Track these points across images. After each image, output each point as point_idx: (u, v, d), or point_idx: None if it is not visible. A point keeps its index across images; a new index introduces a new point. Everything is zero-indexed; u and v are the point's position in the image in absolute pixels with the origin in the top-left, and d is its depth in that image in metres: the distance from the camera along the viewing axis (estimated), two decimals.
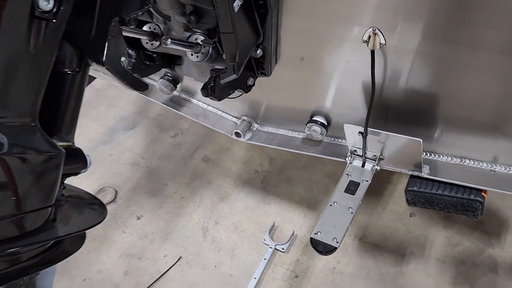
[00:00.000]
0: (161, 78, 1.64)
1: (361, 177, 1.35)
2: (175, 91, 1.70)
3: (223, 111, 1.70)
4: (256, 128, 1.67)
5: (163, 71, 1.62)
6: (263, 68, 1.26)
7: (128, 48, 1.17)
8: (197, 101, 1.73)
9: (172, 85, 1.64)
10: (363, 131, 1.26)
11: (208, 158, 2.38)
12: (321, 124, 1.44)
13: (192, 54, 1.13)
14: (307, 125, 1.45)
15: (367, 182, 1.33)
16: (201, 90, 1.13)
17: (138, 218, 2.14)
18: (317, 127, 1.44)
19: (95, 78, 2.53)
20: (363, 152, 1.33)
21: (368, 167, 1.36)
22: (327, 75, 1.29)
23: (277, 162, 2.33)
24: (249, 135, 1.65)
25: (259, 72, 1.28)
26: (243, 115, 1.66)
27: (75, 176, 0.94)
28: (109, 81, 1.77)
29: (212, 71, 1.15)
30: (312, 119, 1.45)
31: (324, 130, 1.45)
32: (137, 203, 2.20)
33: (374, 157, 1.34)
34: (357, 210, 1.29)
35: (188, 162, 2.37)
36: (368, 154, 1.35)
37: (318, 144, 1.52)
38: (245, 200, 2.18)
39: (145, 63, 1.22)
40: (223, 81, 1.12)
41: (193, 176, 2.30)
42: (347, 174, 1.35)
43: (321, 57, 1.23)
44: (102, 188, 2.26)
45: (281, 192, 2.20)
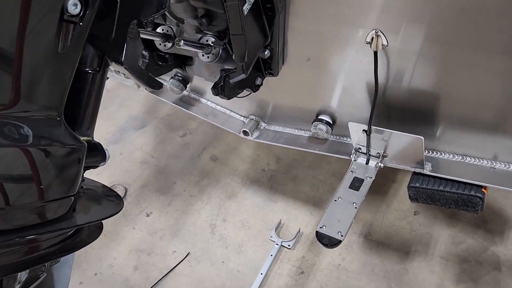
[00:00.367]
0: (172, 78, 1.70)
1: (365, 174, 1.40)
2: (185, 90, 1.77)
3: (231, 111, 1.76)
4: (264, 127, 1.72)
5: (174, 72, 1.69)
6: (270, 68, 1.32)
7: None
8: (206, 100, 1.79)
9: (182, 85, 1.71)
10: (367, 129, 1.31)
11: (216, 157, 2.44)
12: (326, 122, 1.49)
13: (203, 55, 1.19)
14: (313, 123, 1.51)
15: (371, 178, 1.39)
16: (212, 89, 1.20)
17: (148, 215, 2.20)
18: (323, 125, 1.49)
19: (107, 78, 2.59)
20: (367, 149, 1.39)
21: (372, 164, 1.42)
22: (332, 75, 1.34)
23: (284, 161, 2.39)
24: (256, 133, 1.70)
25: (266, 72, 1.34)
26: (250, 114, 1.72)
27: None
28: (121, 81, 1.83)
29: (222, 71, 1.21)
30: (318, 118, 1.51)
31: (330, 128, 1.50)
32: (146, 201, 2.26)
33: (377, 155, 1.39)
34: (361, 205, 1.34)
35: (196, 161, 2.43)
36: (372, 152, 1.40)
37: (323, 142, 1.58)
38: (252, 198, 2.24)
39: (158, 64, 1.28)
40: (233, 80, 1.19)
41: (201, 174, 2.36)
42: (352, 171, 1.41)
43: (327, 58, 1.29)
44: (113, 186, 2.33)
45: (288, 190, 2.25)
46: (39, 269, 0.92)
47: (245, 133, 1.70)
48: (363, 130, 1.32)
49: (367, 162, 1.42)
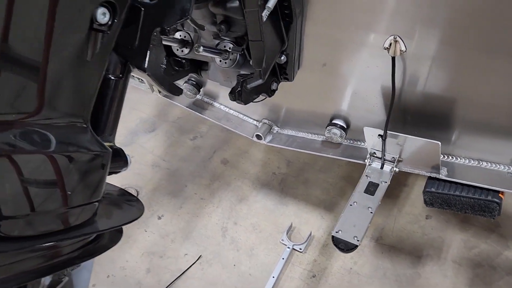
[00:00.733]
0: (185, 82, 1.71)
1: (379, 179, 1.40)
2: (198, 95, 1.78)
3: (244, 115, 1.77)
4: (277, 131, 1.73)
5: (187, 76, 1.70)
6: (286, 73, 1.33)
7: None
8: (219, 104, 1.80)
9: (195, 89, 1.72)
10: (383, 134, 1.31)
11: (226, 161, 2.45)
12: (340, 127, 1.49)
13: (220, 61, 1.20)
14: (327, 128, 1.51)
15: (385, 183, 1.39)
16: (229, 94, 1.20)
17: (159, 218, 2.21)
18: (337, 130, 1.50)
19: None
20: (382, 154, 1.39)
21: (386, 169, 1.42)
22: (347, 80, 1.35)
23: (295, 164, 2.39)
24: (269, 137, 1.71)
25: (282, 77, 1.34)
26: (263, 118, 1.73)
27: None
28: (135, 85, 1.85)
29: (239, 77, 1.22)
30: (332, 122, 1.51)
31: (344, 133, 1.50)
32: (158, 203, 2.27)
33: (392, 159, 1.39)
34: (376, 210, 1.34)
35: (207, 164, 2.44)
36: (387, 156, 1.40)
37: (337, 147, 1.58)
38: (263, 201, 2.24)
39: (174, 69, 1.29)
40: (250, 85, 1.19)
41: (212, 177, 2.37)
42: (366, 176, 1.41)
43: (343, 63, 1.29)
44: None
45: (298, 194, 2.25)
46: (62, 273, 0.93)
47: (258, 137, 1.71)
48: (379, 135, 1.33)
49: (382, 167, 1.42)
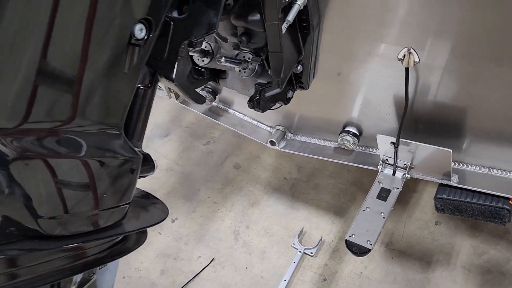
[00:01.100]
0: (202, 89, 1.77)
1: (392, 185, 1.44)
2: (214, 101, 1.83)
3: (258, 121, 1.82)
4: (290, 137, 1.78)
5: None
6: (301, 82, 1.38)
7: None
8: (234, 111, 1.85)
9: (211, 96, 1.77)
10: (395, 141, 1.35)
11: (239, 166, 2.50)
12: (353, 134, 1.54)
13: (240, 70, 1.26)
14: (340, 135, 1.56)
15: (397, 189, 1.43)
16: (248, 102, 1.25)
17: (173, 221, 2.26)
18: (350, 137, 1.54)
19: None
20: (394, 161, 1.43)
21: (398, 175, 1.46)
22: (361, 89, 1.40)
23: (305, 170, 2.43)
24: (283, 143, 1.76)
25: (297, 86, 1.39)
26: (277, 125, 1.78)
27: None
28: None
29: (257, 85, 1.27)
30: (345, 129, 1.55)
31: (356, 139, 1.55)
32: (172, 207, 2.32)
33: (404, 166, 1.43)
34: (389, 215, 1.38)
35: (220, 169, 2.49)
36: (399, 163, 1.44)
37: (349, 153, 1.62)
38: (274, 206, 2.28)
39: (194, 77, 1.35)
40: (268, 94, 1.24)
41: (224, 182, 2.42)
42: (379, 182, 1.45)
43: (357, 72, 1.34)
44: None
45: (309, 198, 2.29)
46: (91, 272, 0.98)
47: (272, 143, 1.76)
48: (391, 142, 1.37)
49: (394, 173, 1.46)
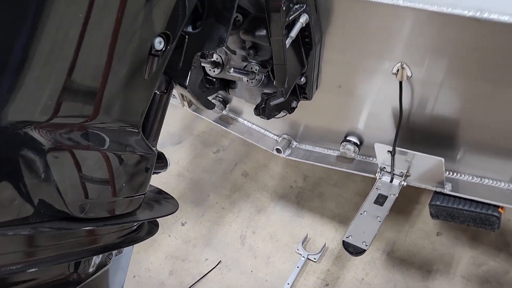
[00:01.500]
0: (213, 98, 1.90)
1: (389, 191, 1.54)
2: (224, 110, 1.96)
3: (265, 130, 1.94)
4: (295, 146, 1.89)
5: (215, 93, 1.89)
6: (305, 93, 1.50)
7: None
8: (243, 120, 1.98)
9: (222, 105, 1.90)
10: (392, 150, 1.46)
11: (247, 173, 2.61)
12: (354, 143, 1.65)
13: (247, 80, 1.38)
14: (342, 144, 1.67)
15: (394, 195, 1.52)
16: (254, 110, 1.38)
17: (183, 225, 2.38)
18: (351, 146, 1.65)
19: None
20: (392, 169, 1.53)
21: (395, 182, 1.56)
22: (361, 101, 1.51)
23: (311, 179, 2.54)
24: (288, 151, 1.87)
25: (301, 96, 1.51)
26: (283, 134, 1.90)
27: None
28: None
29: (263, 95, 1.39)
30: (346, 138, 1.66)
31: (357, 148, 1.65)
32: (181, 211, 2.44)
33: (401, 174, 1.53)
34: (385, 219, 1.48)
35: (228, 176, 2.61)
36: (396, 171, 1.54)
37: (351, 161, 1.73)
38: (280, 212, 2.39)
39: (206, 86, 1.48)
40: (273, 103, 1.37)
41: (232, 189, 2.53)
42: (377, 188, 1.55)
43: (356, 85, 1.46)
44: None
45: (314, 207, 2.39)
46: (108, 257, 1.10)
47: (278, 150, 1.87)
48: (388, 151, 1.47)
49: (391, 181, 1.56)
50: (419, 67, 1.27)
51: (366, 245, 1.38)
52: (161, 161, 1.10)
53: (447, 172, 1.52)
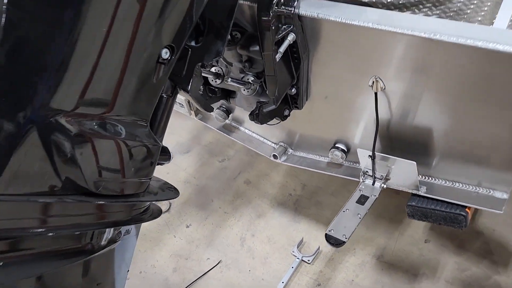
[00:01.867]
0: (217, 109, 2.13)
1: (371, 193, 1.72)
2: (227, 119, 2.18)
3: (264, 138, 2.15)
4: (290, 153, 2.09)
5: (219, 103, 2.11)
6: (296, 102, 1.71)
7: None
8: (244, 128, 2.19)
9: (225, 115, 2.13)
10: (372, 154, 1.65)
11: (249, 181, 2.81)
12: (341, 150, 1.84)
13: (244, 90, 1.60)
14: (330, 150, 1.86)
15: (375, 196, 1.71)
16: (249, 115, 1.59)
17: (187, 226, 2.58)
18: (338, 152, 1.84)
19: None
20: (373, 172, 1.72)
21: (377, 185, 1.74)
22: (345, 110, 1.71)
23: (309, 188, 2.72)
24: (284, 157, 2.08)
25: (293, 106, 1.72)
26: (280, 142, 2.10)
27: None
28: (176, 109, 2.27)
29: (258, 103, 1.61)
30: (335, 145, 1.86)
31: (344, 155, 1.85)
32: (187, 214, 2.64)
33: (381, 177, 1.72)
34: (364, 216, 1.65)
35: (232, 183, 2.81)
36: (377, 175, 1.73)
37: (339, 167, 1.92)
38: (278, 218, 2.57)
39: (208, 95, 1.70)
40: (266, 110, 1.58)
41: (235, 195, 2.73)
42: (360, 190, 1.74)
43: (341, 96, 1.67)
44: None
45: (311, 213, 2.57)
46: (117, 235, 1.30)
47: (275, 156, 2.08)
48: (369, 156, 1.66)
49: (373, 183, 1.74)
50: (390, 80, 1.47)
51: (346, 238, 1.56)
52: (165, 154, 1.32)
53: (423, 177, 1.70)
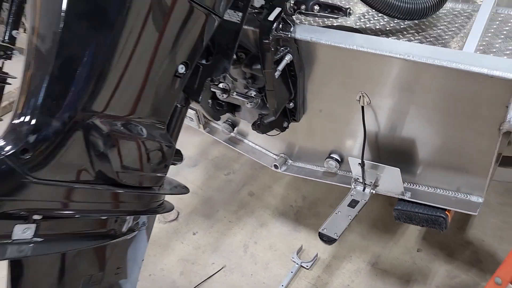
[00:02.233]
0: (224, 122, 2.37)
1: (361, 198, 1.93)
2: (233, 133, 2.42)
3: (266, 149, 2.39)
4: (290, 163, 2.32)
5: (225, 118, 2.36)
6: (294, 115, 1.95)
7: None
8: (248, 141, 2.43)
9: (231, 128, 2.37)
10: (361, 162, 1.87)
11: (253, 193, 3.03)
12: (335, 159, 2.06)
13: (247, 103, 1.84)
14: (325, 160, 2.08)
15: (365, 201, 1.92)
16: (252, 125, 1.83)
17: (194, 234, 2.79)
18: (333, 161, 2.06)
19: None
20: (363, 179, 1.93)
21: (367, 191, 1.95)
22: (338, 123, 1.95)
23: (309, 199, 2.93)
24: (284, 167, 2.30)
25: (291, 119, 1.96)
26: (281, 153, 2.33)
27: None
28: (187, 122, 2.52)
29: (259, 115, 1.85)
30: (330, 155, 2.08)
31: (338, 164, 2.07)
32: (194, 222, 2.86)
33: (370, 183, 1.93)
34: (354, 218, 1.86)
35: (236, 195, 3.03)
36: (367, 181, 1.94)
37: (334, 176, 2.14)
38: (280, 227, 2.77)
39: (216, 108, 1.95)
40: (266, 120, 1.82)
41: (239, 206, 2.95)
42: (351, 195, 1.95)
43: (333, 110, 1.90)
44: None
45: (310, 223, 2.77)
46: (136, 225, 1.52)
47: (276, 166, 2.30)
48: (358, 163, 1.88)
49: (364, 189, 1.96)
50: (374, 95, 1.71)
51: (337, 236, 1.77)
52: (178, 155, 1.55)
53: (408, 184, 1.91)
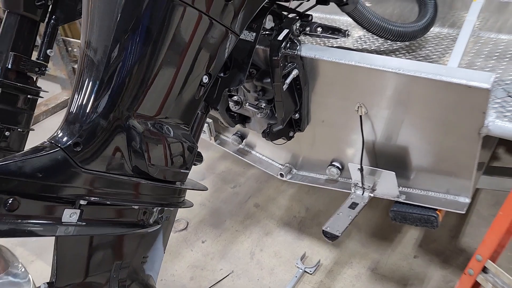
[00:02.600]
0: (233, 135, 2.62)
1: (360, 200, 2.16)
2: (241, 144, 2.67)
3: (272, 160, 2.62)
4: (295, 172, 2.55)
5: (235, 130, 2.60)
6: (299, 126, 2.20)
7: None
8: (255, 152, 2.68)
9: (240, 140, 2.62)
10: (360, 167, 2.10)
11: (258, 205, 3.25)
12: (337, 167, 2.30)
13: (258, 113, 2.09)
14: (327, 167, 2.32)
15: (364, 203, 2.14)
16: (261, 133, 2.07)
17: (203, 242, 2.99)
18: (334, 169, 2.30)
19: None
20: (362, 183, 2.16)
21: (365, 194, 2.18)
22: (338, 132, 2.19)
23: (312, 211, 3.15)
24: (289, 176, 2.54)
25: (296, 128, 2.21)
26: (286, 163, 2.57)
27: None
28: None
29: (268, 124, 2.09)
30: (331, 163, 2.32)
31: (339, 171, 2.30)
32: (202, 231, 3.06)
33: (369, 187, 2.16)
34: (355, 218, 2.08)
35: (242, 206, 3.25)
36: (365, 185, 2.17)
37: (335, 182, 2.37)
38: (284, 236, 2.98)
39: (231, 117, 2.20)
40: (275, 129, 2.07)
41: (246, 216, 3.16)
42: (351, 198, 2.17)
43: (334, 120, 2.15)
44: (177, 220, 3.17)
45: (313, 232, 2.98)
46: (160, 219, 1.74)
47: (281, 175, 2.54)
48: (358, 168, 2.12)
49: (363, 193, 2.18)
50: (370, 106, 1.96)
51: (339, 233, 1.99)
52: (199, 157, 1.78)
53: (403, 188, 2.14)
